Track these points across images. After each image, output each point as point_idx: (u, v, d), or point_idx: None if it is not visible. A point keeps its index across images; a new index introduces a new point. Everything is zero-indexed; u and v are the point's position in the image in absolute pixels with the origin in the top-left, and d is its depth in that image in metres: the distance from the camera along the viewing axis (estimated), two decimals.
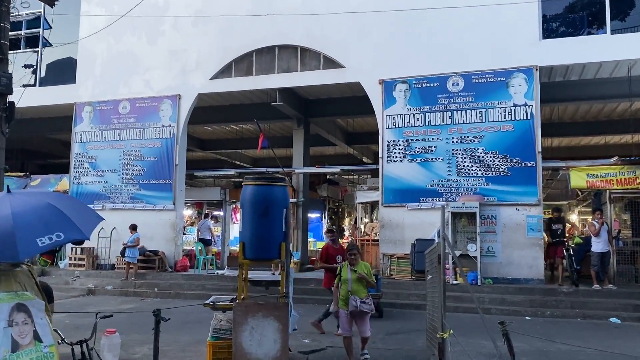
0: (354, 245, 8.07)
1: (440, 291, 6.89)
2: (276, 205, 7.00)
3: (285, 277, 7.11)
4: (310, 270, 17.02)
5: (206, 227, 17.58)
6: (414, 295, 12.80)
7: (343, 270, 7.31)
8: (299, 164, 17.05)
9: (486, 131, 13.75)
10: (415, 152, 14.25)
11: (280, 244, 6.95)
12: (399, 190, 14.29)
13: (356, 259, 7.30)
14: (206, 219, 18.05)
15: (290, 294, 7.37)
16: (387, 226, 14.37)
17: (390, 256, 14.23)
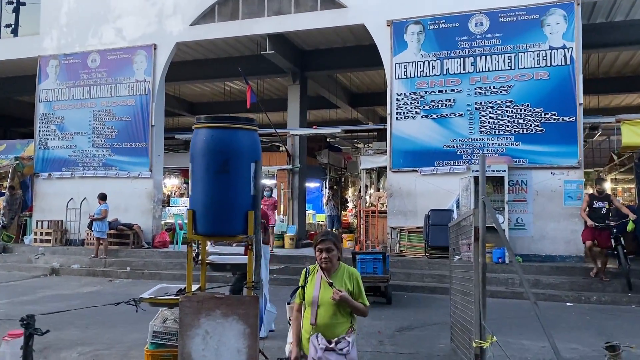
0: (328, 232, 3.99)
1: (479, 280, 4.75)
2: (240, 157, 4.85)
3: (255, 259, 4.98)
4: (308, 246, 14.95)
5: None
6: (429, 276, 10.72)
7: (309, 281, 3.86)
8: (295, 125, 14.83)
9: (516, 80, 11.44)
10: (430, 107, 11.98)
11: (247, 212, 4.84)
12: (410, 153, 12.08)
13: (332, 260, 3.72)
14: None
15: (265, 283, 5.31)
16: (396, 195, 12.21)
17: (399, 230, 12.11)
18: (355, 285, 3.73)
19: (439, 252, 11.51)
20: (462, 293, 5.93)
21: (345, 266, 3.82)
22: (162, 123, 14.56)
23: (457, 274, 6.39)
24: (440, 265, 11.08)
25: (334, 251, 3.70)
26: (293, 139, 14.82)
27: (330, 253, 3.68)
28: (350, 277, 3.75)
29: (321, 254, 3.70)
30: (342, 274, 3.75)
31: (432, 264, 11.17)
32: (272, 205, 12.94)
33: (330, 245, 3.69)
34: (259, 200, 5.03)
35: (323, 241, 3.72)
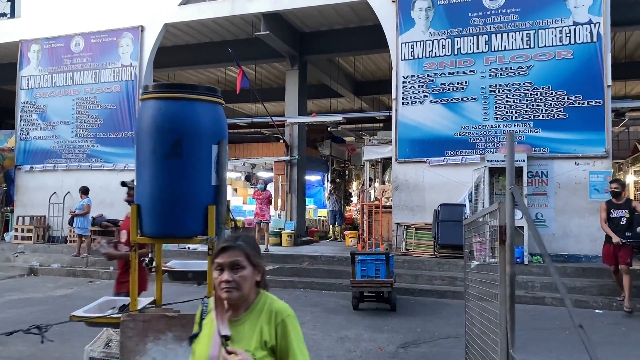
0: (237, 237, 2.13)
1: (505, 296, 3.65)
2: (198, 136, 3.78)
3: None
4: (308, 244, 13.90)
5: None
6: (438, 278, 9.62)
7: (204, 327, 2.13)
8: (293, 113, 13.75)
9: (535, 60, 10.27)
10: (439, 91, 10.84)
11: (207, 207, 3.78)
12: (418, 141, 10.95)
13: (241, 287, 2.01)
14: None
15: None
16: (403, 188, 11.10)
17: (406, 226, 11.00)
18: (279, 337, 2.01)
19: (450, 252, 10.42)
20: (481, 307, 4.83)
21: (268, 299, 2.11)
22: None
23: (475, 282, 5.28)
24: (451, 266, 9.98)
25: (245, 270, 2.01)
26: (291, 128, 13.74)
27: (237, 273, 1.99)
28: (273, 319, 2.04)
29: (221, 274, 2.00)
30: (257, 315, 2.05)
31: (442, 264, 10.07)
32: (266, 200, 11.88)
33: (238, 258, 2.01)
34: (224, 192, 3.96)
35: (225, 251, 2.02)
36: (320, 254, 11.09)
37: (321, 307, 8.26)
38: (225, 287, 1.99)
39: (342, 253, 11.38)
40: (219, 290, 2.02)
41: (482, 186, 10.08)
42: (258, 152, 14.08)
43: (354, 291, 7.77)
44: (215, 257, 2.05)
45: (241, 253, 2.04)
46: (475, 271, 5.39)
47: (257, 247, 2.17)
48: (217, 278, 2.02)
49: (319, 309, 8.09)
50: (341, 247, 13.30)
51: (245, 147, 14.19)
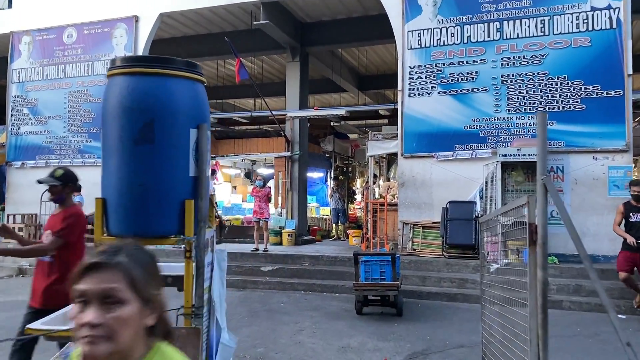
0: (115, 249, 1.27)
1: (536, 309, 3.09)
2: (173, 118, 3.22)
3: (196, 271, 3.35)
4: (310, 243, 13.33)
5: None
6: (447, 280, 9.03)
7: None
8: (294, 106, 13.17)
9: (550, 48, 9.67)
10: (448, 81, 10.25)
11: (183, 202, 3.22)
12: (425, 135, 10.37)
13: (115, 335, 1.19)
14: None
15: (219, 304, 3.69)
16: (409, 184, 10.51)
17: (412, 225, 10.42)
18: None
19: (459, 252, 9.84)
20: (501, 315, 4.25)
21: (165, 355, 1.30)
22: None
23: (492, 282, 4.72)
24: (461, 267, 9.39)
25: (125, 307, 1.22)
26: (292, 123, 13.17)
27: (110, 312, 1.20)
28: None
29: (83, 310, 1.21)
30: None
31: (451, 265, 9.48)
32: (265, 197, 11.31)
33: (114, 285, 1.22)
34: (204, 184, 3.39)
35: (93, 271, 1.23)
36: (322, 254, 10.52)
37: (322, 311, 7.69)
38: (88, 334, 1.17)
39: (345, 253, 10.81)
40: (79, 340, 1.19)
41: (493, 182, 9.49)
42: (258, 148, 13.52)
43: (358, 295, 7.20)
44: (77, 281, 1.22)
45: (121, 276, 1.22)
46: (494, 274, 4.83)
47: (154, 266, 1.33)
48: (77, 318, 1.20)
49: (320, 313, 7.53)
50: (344, 246, 12.73)
51: (245, 143, 13.64)
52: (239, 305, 8.14)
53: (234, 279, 9.74)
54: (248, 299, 8.67)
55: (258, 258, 10.65)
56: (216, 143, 14.03)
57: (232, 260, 10.80)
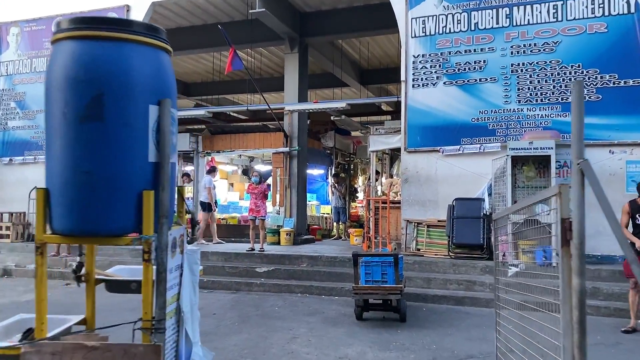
0: None
1: (572, 322, 2.50)
2: (127, 91, 2.67)
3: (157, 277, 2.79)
4: (309, 243, 12.76)
5: (202, 187, 12.53)
6: (454, 282, 8.45)
7: None
8: (293, 100, 12.59)
9: (564, 34, 9.07)
10: (454, 71, 9.67)
11: (141, 194, 2.66)
12: (430, 128, 9.79)
13: None
14: (208, 175, 12.60)
15: (190, 315, 3.13)
16: (413, 181, 9.94)
17: (416, 224, 9.84)
18: None
19: (466, 252, 9.25)
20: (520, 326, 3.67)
21: None
22: None
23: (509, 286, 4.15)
24: (468, 268, 8.81)
25: None
26: (290, 117, 12.59)
27: None
28: None
29: None
30: None
31: (458, 266, 8.90)
32: (261, 194, 10.75)
33: None
34: (166, 172, 2.82)
35: None
36: (321, 254, 9.95)
37: (319, 316, 7.12)
38: None
39: (345, 253, 10.24)
40: None
41: (503, 178, 8.91)
42: (255, 144, 12.95)
43: (357, 299, 6.62)
44: None
45: None
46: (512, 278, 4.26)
47: None
48: None
49: (317, 318, 6.96)
50: (345, 246, 12.16)
51: (241, 138, 13.08)
52: (231, 309, 7.58)
53: (227, 280, 9.20)
54: (240, 302, 8.11)
55: (253, 258, 10.09)
56: (211, 138, 13.48)
57: (226, 260, 10.25)
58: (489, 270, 8.64)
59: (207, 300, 8.23)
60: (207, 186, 12.10)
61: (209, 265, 9.86)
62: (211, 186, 12.17)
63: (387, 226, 10.00)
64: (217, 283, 9.21)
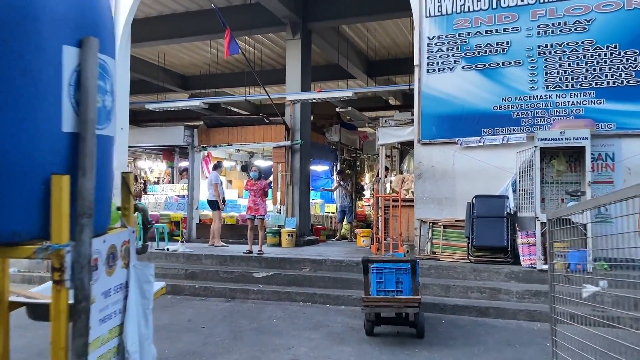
0: None
1: None
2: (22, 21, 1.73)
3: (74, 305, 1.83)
4: (313, 244, 11.82)
5: (209, 184, 11.46)
6: (476, 290, 7.47)
7: None
8: (295, 89, 11.65)
9: (598, 11, 8.08)
10: (474, 54, 8.70)
11: (49, 179, 1.73)
12: (446, 118, 8.82)
13: None
14: (215, 170, 11.65)
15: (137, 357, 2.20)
16: (427, 176, 8.97)
17: (431, 224, 8.88)
18: None
19: (488, 255, 8.30)
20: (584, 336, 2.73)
21: None
22: (126, 88, 11.50)
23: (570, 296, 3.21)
24: (491, 274, 7.83)
25: None
26: (292, 108, 11.65)
27: None
28: None
29: None
30: None
31: (480, 271, 7.92)
32: (261, 191, 9.82)
33: None
34: (89, 147, 1.87)
35: None
36: (325, 258, 9.01)
37: (323, 330, 6.18)
38: None
39: (352, 256, 9.30)
40: None
41: (530, 172, 7.93)
42: (254, 137, 12.01)
43: (368, 312, 5.67)
44: None
45: None
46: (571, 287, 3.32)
47: None
48: None
49: (321, 334, 6.01)
50: (352, 248, 11.21)
51: (240, 131, 12.14)
52: (222, 321, 6.65)
53: (221, 286, 8.27)
54: (235, 312, 7.17)
55: (251, 262, 9.16)
56: (208, 132, 12.55)
57: (221, 264, 9.33)
58: (514, 276, 7.68)
59: (197, 310, 7.31)
60: (213, 182, 11.17)
61: (201, 269, 8.94)
62: (218, 182, 11.25)
63: (399, 226, 9.04)
64: (209, 290, 8.28)
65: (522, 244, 7.89)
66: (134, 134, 12.45)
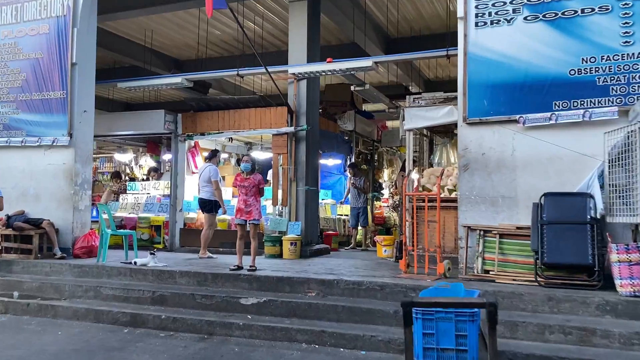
0: None
1: None
2: None
3: None
4: (322, 255, 9.57)
5: (205, 179, 9.02)
6: (556, 330, 5.12)
7: None
8: (300, 59, 9.36)
9: None
10: (541, 0, 6.36)
11: None
12: (502, 88, 6.49)
13: None
14: (209, 162, 9.32)
15: None
16: (476, 167, 6.64)
17: (482, 232, 6.53)
18: None
19: (564, 276, 5.97)
20: None
21: None
22: (92, 61, 9.32)
23: None
24: (575, 305, 5.49)
25: None
26: (296, 86, 9.38)
27: None
28: None
29: None
30: None
31: (558, 301, 5.56)
32: (254, 187, 7.57)
33: None
34: None
35: None
36: (338, 277, 6.71)
37: None
38: None
39: (373, 274, 7.03)
40: None
41: (624, 161, 5.59)
42: (250, 123, 9.74)
43: None
44: None
45: None
46: None
47: None
48: None
49: None
50: (371, 261, 8.91)
51: (232, 116, 9.88)
52: None
53: (196, 318, 6.02)
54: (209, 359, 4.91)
55: (239, 282, 6.90)
56: (194, 117, 10.32)
57: (199, 284, 7.08)
58: (611, 309, 5.34)
59: (155, 357, 5.06)
60: (214, 179, 8.86)
61: (173, 292, 6.70)
62: (218, 179, 8.99)
63: (437, 236, 6.70)
64: (180, 322, 6.03)
65: (619, 263, 5.53)
66: (104, 120, 10.30)
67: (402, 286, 6.11)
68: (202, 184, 9.03)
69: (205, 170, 9.12)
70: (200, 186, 9.10)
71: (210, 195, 8.88)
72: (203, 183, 9.00)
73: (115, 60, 15.60)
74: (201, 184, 9.07)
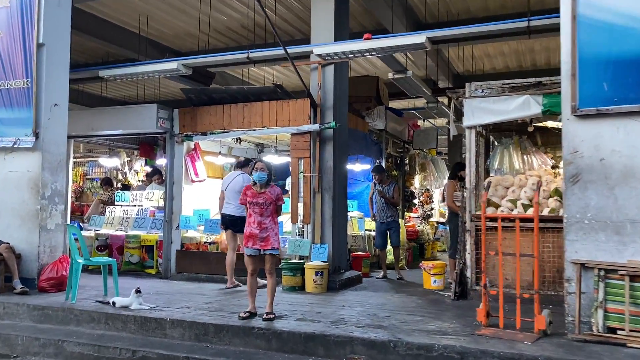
0: None
1: None
2: None
3: None
4: (354, 285, 7.63)
5: (234, 190, 7.22)
6: None
7: None
8: (327, 38, 7.42)
9: None
10: None
11: None
12: (632, 64, 4.50)
13: None
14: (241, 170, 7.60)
15: None
16: (590, 177, 4.66)
17: (603, 272, 4.54)
18: None
19: None
20: None
21: None
22: (65, 42, 7.42)
23: None
24: None
25: None
26: (321, 73, 7.44)
27: None
28: None
29: None
30: None
31: None
32: (270, 205, 5.60)
33: None
34: None
35: None
36: (394, 337, 4.72)
37: None
38: None
39: (439, 325, 5.08)
40: None
41: None
42: (263, 119, 7.80)
43: None
44: None
45: None
46: None
47: None
48: None
49: None
50: (424, 299, 6.89)
51: (241, 111, 7.94)
52: None
53: None
54: None
55: (252, 338, 4.95)
56: (193, 112, 8.37)
57: (197, 339, 5.12)
58: None
59: None
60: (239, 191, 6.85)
61: (160, 353, 4.76)
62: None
63: (535, 275, 4.72)
64: None
65: None
66: (83, 116, 8.39)
67: (492, 355, 4.14)
68: (233, 195, 7.09)
69: (238, 179, 7.22)
70: (230, 199, 7.18)
71: (242, 212, 6.75)
72: (234, 194, 7.04)
73: (109, 53, 13.75)
74: (232, 196, 7.14)
